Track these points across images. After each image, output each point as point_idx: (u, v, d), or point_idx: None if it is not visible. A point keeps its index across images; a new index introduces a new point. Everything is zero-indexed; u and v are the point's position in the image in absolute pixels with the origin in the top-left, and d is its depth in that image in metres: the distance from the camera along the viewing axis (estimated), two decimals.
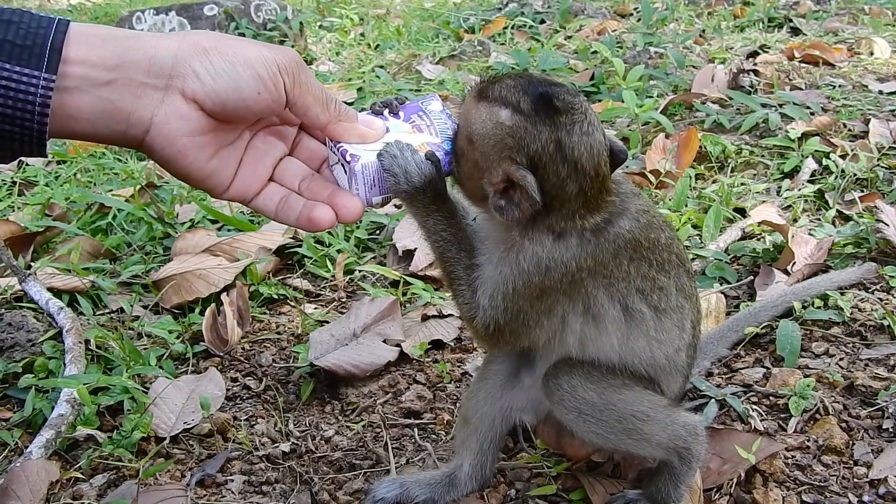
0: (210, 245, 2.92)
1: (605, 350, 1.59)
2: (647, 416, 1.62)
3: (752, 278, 2.64)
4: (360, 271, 2.88)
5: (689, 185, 3.22)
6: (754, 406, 2.04)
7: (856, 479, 1.81)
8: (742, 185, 3.29)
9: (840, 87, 4.31)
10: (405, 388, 2.28)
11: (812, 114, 3.81)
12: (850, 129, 3.68)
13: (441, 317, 2.55)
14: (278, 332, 2.57)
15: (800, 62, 4.71)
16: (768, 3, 6.27)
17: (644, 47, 5.10)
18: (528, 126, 1.43)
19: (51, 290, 2.63)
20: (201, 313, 2.57)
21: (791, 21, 5.84)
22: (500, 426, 1.84)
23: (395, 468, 1.97)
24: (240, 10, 6.50)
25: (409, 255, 2.87)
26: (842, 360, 2.20)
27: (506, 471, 1.94)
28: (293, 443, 2.08)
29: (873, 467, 1.82)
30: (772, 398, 2.07)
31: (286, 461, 2.02)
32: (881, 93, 4.15)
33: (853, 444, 1.90)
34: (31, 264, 2.87)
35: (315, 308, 2.69)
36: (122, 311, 2.66)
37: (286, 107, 1.39)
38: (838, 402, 2.03)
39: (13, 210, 3.46)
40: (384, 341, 2.40)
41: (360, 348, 2.36)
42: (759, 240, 2.85)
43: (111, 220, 3.20)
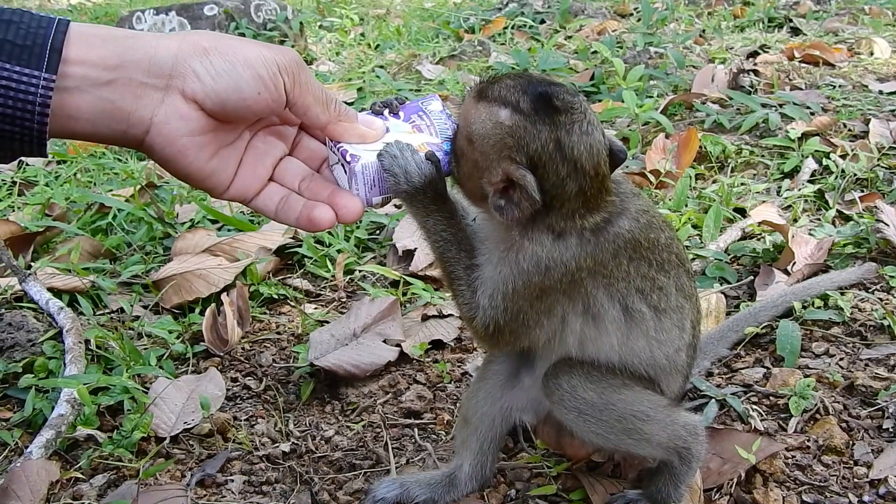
0: (210, 245, 2.92)
1: (605, 350, 1.59)
2: (647, 416, 1.62)
3: (752, 278, 2.63)
4: (360, 271, 2.88)
5: (689, 185, 3.22)
6: (754, 406, 2.04)
7: (856, 479, 1.81)
8: (742, 185, 3.29)
9: (840, 87, 4.31)
10: (405, 388, 2.28)
11: (812, 114, 3.81)
12: (850, 129, 3.68)
13: (441, 317, 2.55)
14: (278, 332, 2.57)
15: (800, 62, 4.71)
16: (768, 3, 6.27)
17: (644, 47, 5.10)
18: (527, 125, 1.43)
19: (51, 290, 2.63)
20: (201, 313, 2.57)
21: (791, 21, 5.84)
22: (500, 426, 1.84)
23: (396, 468, 1.97)
24: (240, 10, 6.50)
25: (409, 255, 2.87)
26: (842, 360, 2.20)
27: (506, 471, 1.94)
28: (293, 443, 2.08)
29: (873, 467, 1.82)
30: (772, 398, 2.07)
31: (286, 461, 2.02)
32: (881, 93, 4.15)
33: (853, 444, 1.90)
34: (32, 264, 2.87)
35: (315, 308, 2.69)
36: (122, 311, 2.66)
37: (286, 107, 1.39)
38: (838, 402, 2.03)
39: (13, 210, 3.46)
40: (384, 341, 2.40)
41: (360, 348, 2.36)
42: (759, 240, 2.85)
43: (111, 220, 3.20)
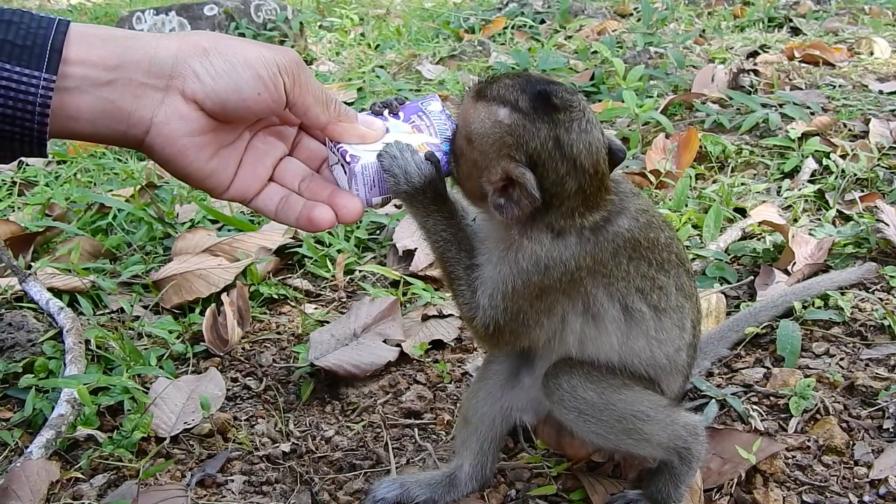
0: (210, 245, 2.92)
1: (605, 350, 1.59)
2: (647, 416, 1.62)
3: (752, 278, 2.63)
4: (360, 271, 2.88)
5: (690, 185, 3.22)
6: (755, 406, 2.04)
7: (856, 480, 1.81)
8: (742, 185, 3.29)
9: (840, 87, 4.31)
10: (405, 389, 2.28)
11: (812, 114, 3.81)
12: (850, 129, 3.67)
13: (441, 317, 2.55)
14: (278, 332, 2.57)
15: (800, 62, 4.71)
16: (768, 3, 6.27)
17: (644, 47, 5.10)
18: (526, 124, 1.43)
19: (51, 290, 2.63)
20: (201, 313, 2.57)
21: (791, 21, 5.84)
22: (500, 426, 1.84)
23: (396, 468, 1.97)
24: (240, 10, 6.50)
25: (409, 255, 2.87)
26: (842, 360, 2.20)
27: (506, 471, 1.94)
28: (293, 443, 2.08)
29: (874, 467, 1.82)
30: (772, 398, 2.07)
31: (286, 461, 2.02)
32: (881, 93, 4.15)
33: (853, 444, 1.90)
34: (32, 264, 2.87)
35: (315, 308, 2.69)
36: (122, 311, 2.66)
37: (286, 107, 1.39)
38: (839, 403, 2.03)
39: (13, 210, 3.46)
40: (384, 341, 2.40)
41: (360, 348, 2.36)
42: (759, 240, 2.85)
43: (111, 220, 3.20)
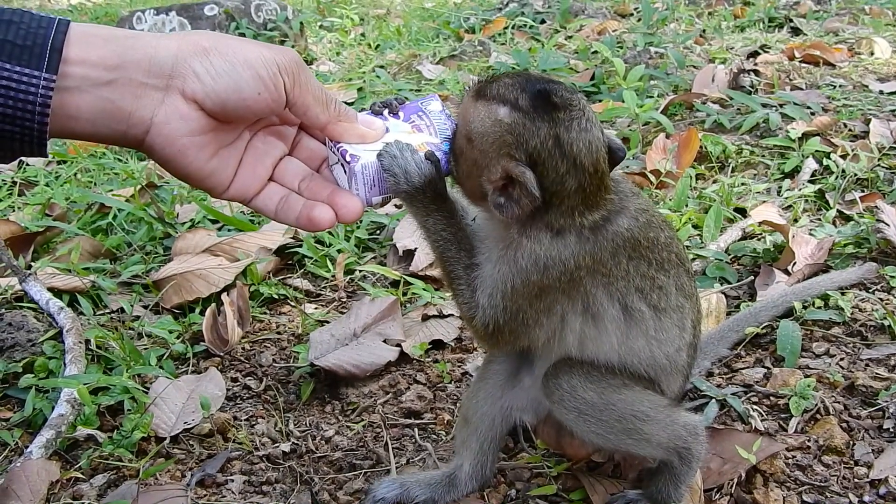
0: (210, 245, 2.92)
1: (605, 349, 1.59)
2: (647, 416, 1.62)
3: (752, 278, 2.63)
4: (360, 271, 2.88)
5: (690, 185, 3.22)
6: (755, 406, 2.04)
7: (856, 480, 1.81)
8: (742, 185, 3.29)
9: (840, 87, 4.31)
10: (405, 388, 2.28)
11: (812, 114, 3.81)
12: (850, 129, 3.67)
13: (441, 317, 2.55)
14: (278, 332, 2.57)
15: (800, 62, 4.70)
16: (769, 3, 6.27)
17: (644, 47, 5.10)
18: (526, 122, 1.43)
19: (51, 290, 2.63)
20: (201, 313, 2.57)
21: (791, 21, 5.83)
22: (500, 426, 1.84)
23: (396, 468, 1.97)
24: (240, 10, 6.50)
25: (409, 255, 2.87)
26: (842, 360, 2.20)
27: (506, 471, 1.94)
28: (293, 443, 2.08)
29: (874, 467, 1.82)
30: (772, 398, 2.07)
31: (286, 461, 2.02)
32: (881, 93, 4.15)
33: (854, 444, 1.90)
34: (32, 264, 2.87)
35: (315, 308, 2.69)
36: (122, 311, 2.66)
37: (286, 107, 1.39)
38: (839, 403, 2.03)
39: (13, 210, 3.46)
40: (384, 341, 2.40)
41: (360, 348, 2.36)
42: (759, 240, 2.85)
43: (111, 220, 3.20)
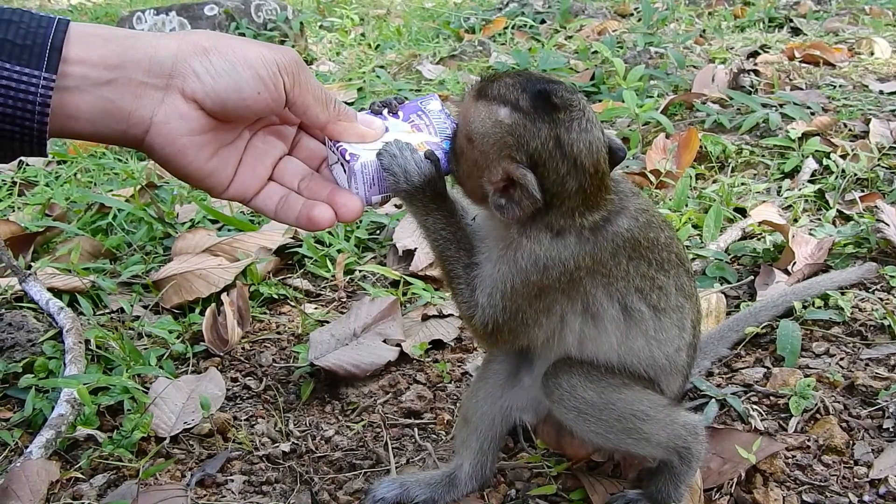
0: (210, 245, 2.92)
1: (605, 349, 1.59)
2: (646, 416, 1.62)
3: (752, 278, 2.63)
4: (360, 271, 2.88)
5: (690, 185, 3.22)
6: (755, 406, 2.04)
7: (856, 479, 1.81)
8: (742, 184, 3.29)
9: (840, 87, 4.31)
10: (405, 388, 2.28)
11: (812, 114, 3.81)
12: (850, 129, 3.67)
13: (441, 317, 2.55)
14: (278, 332, 2.57)
15: (800, 62, 4.70)
16: (769, 3, 6.27)
17: (644, 47, 5.10)
18: (527, 124, 1.43)
19: (51, 290, 2.63)
20: (201, 313, 2.57)
21: (791, 21, 5.84)
22: (500, 426, 1.84)
23: (396, 468, 1.97)
24: (240, 10, 6.50)
25: (409, 254, 2.87)
26: (842, 359, 2.20)
27: (506, 470, 1.94)
28: (293, 443, 2.08)
29: (874, 467, 1.82)
30: (772, 398, 2.07)
31: (286, 461, 2.02)
32: (881, 93, 4.15)
33: (853, 443, 1.90)
34: (32, 264, 2.87)
35: (315, 308, 2.69)
36: (122, 311, 2.66)
37: (286, 106, 1.39)
38: (839, 402, 2.03)
39: (13, 210, 3.46)
40: (384, 341, 2.40)
41: (360, 348, 2.36)
42: (759, 240, 2.85)
43: (111, 220, 3.20)
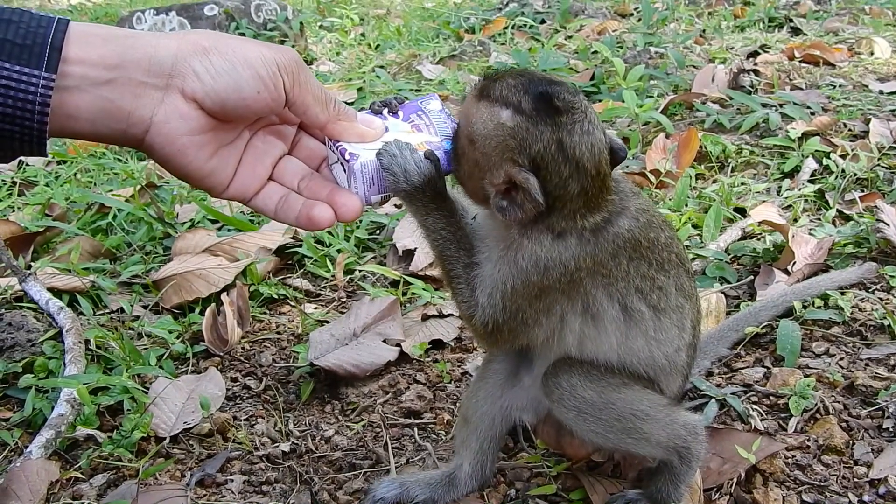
0: (210, 245, 2.92)
1: (604, 349, 1.59)
2: (646, 415, 1.62)
3: (752, 278, 2.63)
4: (360, 271, 2.88)
5: (690, 185, 3.22)
6: (754, 406, 2.04)
7: (856, 479, 1.81)
8: (742, 184, 3.29)
9: (840, 87, 4.30)
10: (405, 388, 2.28)
11: (812, 114, 3.81)
12: (850, 129, 3.67)
13: (441, 316, 2.55)
14: (278, 332, 2.57)
15: (800, 62, 4.70)
16: (769, 3, 6.27)
17: (644, 47, 5.10)
18: (529, 127, 1.42)
19: (51, 290, 2.63)
20: (201, 313, 2.57)
21: (791, 21, 5.83)
22: (499, 426, 1.84)
23: (395, 468, 1.97)
24: (240, 10, 6.50)
25: (409, 254, 2.87)
26: (842, 359, 2.20)
27: (506, 470, 1.94)
28: (293, 443, 2.08)
29: (873, 467, 1.82)
30: (772, 398, 2.07)
31: (286, 461, 2.02)
32: (881, 93, 4.15)
33: (853, 443, 1.90)
34: (31, 264, 2.87)
35: (315, 308, 2.69)
36: (122, 311, 2.66)
37: (286, 106, 1.39)
38: (838, 402, 2.03)
39: (13, 210, 3.46)
40: (384, 341, 2.40)
41: (360, 348, 2.36)
42: (759, 239, 2.85)
43: (111, 220, 3.20)
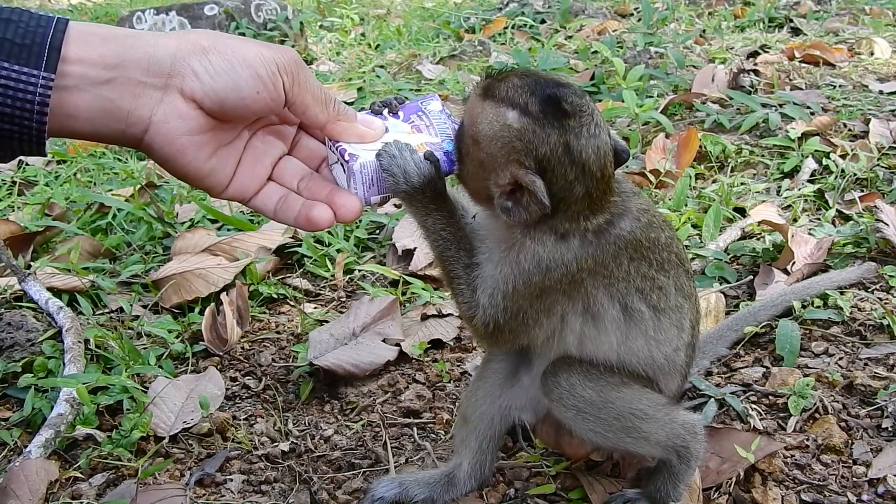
0: (210, 245, 2.92)
1: (604, 349, 1.59)
2: (645, 415, 1.62)
3: (751, 278, 2.63)
4: (359, 271, 2.88)
5: (689, 185, 3.22)
6: (753, 405, 2.04)
7: (855, 479, 1.81)
8: (742, 184, 3.29)
9: (840, 87, 4.30)
10: (404, 388, 2.28)
11: (812, 114, 3.81)
12: (850, 129, 3.67)
13: (440, 316, 2.55)
14: (278, 332, 2.57)
15: (800, 62, 4.70)
16: (769, 4, 6.27)
17: (644, 47, 5.10)
18: (536, 129, 1.41)
19: (50, 289, 2.63)
20: (201, 313, 2.57)
21: (791, 21, 5.83)
22: (499, 425, 1.84)
23: (395, 467, 1.97)
24: (240, 9, 6.50)
25: (408, 254, 2.87)
26: (841, 359, 2.20)
27: (505, 470, 1.94)
28: (292, 442, 2.09)
29: (872, 466, 1.82)
30: (771, 397, 2.07)
31: (285, 460, 2.02)
32: (881, 93, 4.15)
33: (852, 443, 1.90)
34: (31, 264, 2.87)
35: (315, 307, 2.70)
36: (121, 310, 2.66)
37: (285, 106, 1.39)
38: (837, 402, 2.03)
39: (13, 210, 3.46)
40: (384, 341, 2.40)
41: (359, 348, 2.36)
42: (758, 239, 2.85)
43: (111, 220, 3.20)
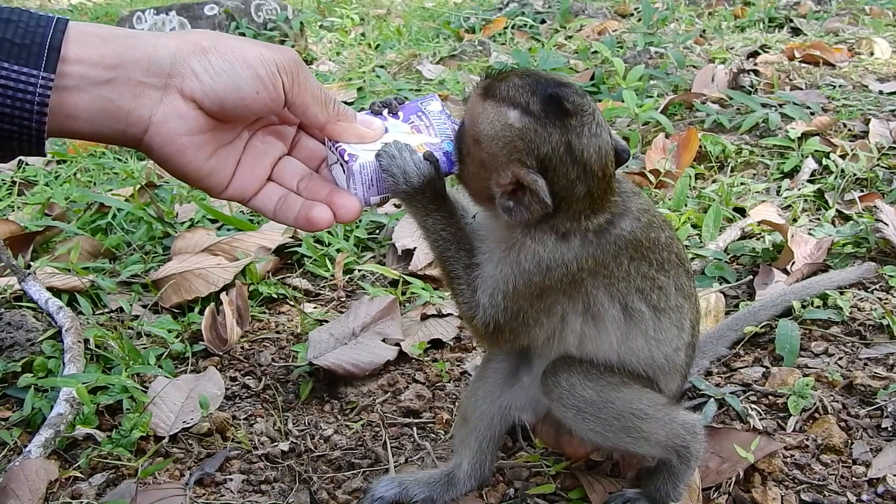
0: (209, 244, 2.92)
1: (604, 349, 1.59)
2: (645, 415, 1.62)
3: (751, 278, 2.63)
4: (359, 270, 2.88)
5: (689, 185, 3.22)
6: (753, 405, 2.04)
7: (854, 478, 1.81)
8: (742, 184, 3.29)
9: (840, 87, 4.31)
10: (404, 388, 2.28)
11: (812, 114, 3.81)
12: (850, 129, 3.67)
13: (440, 316, 2.55)
14: (277, 332, 2.57)
15: (800, 62, 4.70)
16: (769, 4, 6.27)
17: (644, 47, 5.10)
18: (538, 129, 1.41)
19: (50, 289, 2.63)
20: (200, 312, 2.57)
21: (792, 21, 5.83)
22: (498, 425, 1.84)
23: (394, 467, 1.98)
24: (240, 9, 6.50)
25: (408, 254, 2.87)
26: (841, 359, 2.20)
27: (504, 469, 1.94)
28: (292, 442, 2.09)
29: (872, 466, 1.82)
30: (771, 397, 2.07)
31: (285, 460, 2.02)
32: (881, 93, 4.15)
33: (852, 443, 1.90)
34: (31, 264, 2.87)
35: (314, 307, 2.70)
36: (121, 310, 2.66)
37: (285, 106, 1.39)
38: (837, 402, 2.03)
39: (13, 210, 3.46)
40: (383, 340, 2.40)
41: (359, 347, 2.36)
42: (758, 239, 2.85)
43: (111, 220, 3.20)
